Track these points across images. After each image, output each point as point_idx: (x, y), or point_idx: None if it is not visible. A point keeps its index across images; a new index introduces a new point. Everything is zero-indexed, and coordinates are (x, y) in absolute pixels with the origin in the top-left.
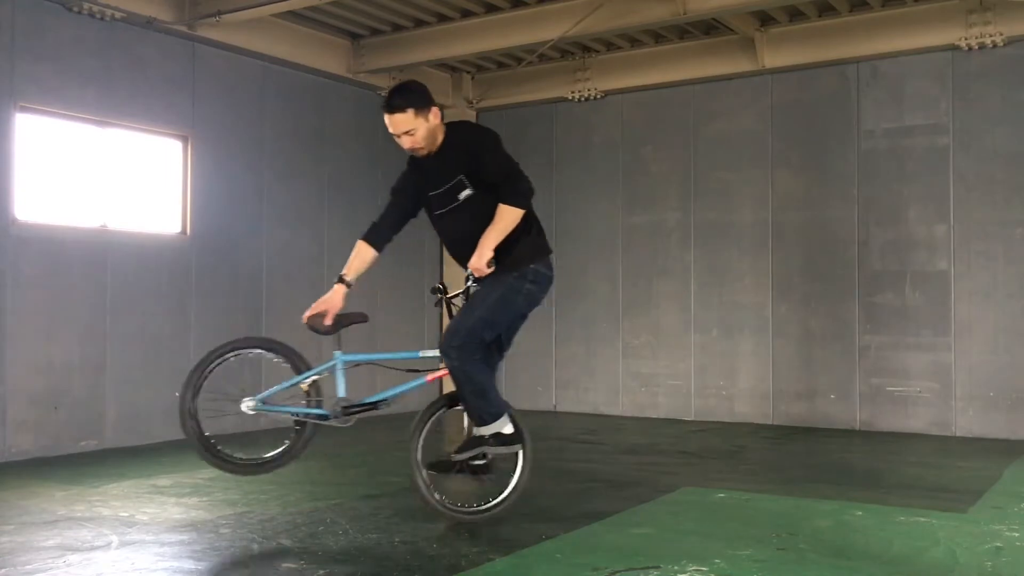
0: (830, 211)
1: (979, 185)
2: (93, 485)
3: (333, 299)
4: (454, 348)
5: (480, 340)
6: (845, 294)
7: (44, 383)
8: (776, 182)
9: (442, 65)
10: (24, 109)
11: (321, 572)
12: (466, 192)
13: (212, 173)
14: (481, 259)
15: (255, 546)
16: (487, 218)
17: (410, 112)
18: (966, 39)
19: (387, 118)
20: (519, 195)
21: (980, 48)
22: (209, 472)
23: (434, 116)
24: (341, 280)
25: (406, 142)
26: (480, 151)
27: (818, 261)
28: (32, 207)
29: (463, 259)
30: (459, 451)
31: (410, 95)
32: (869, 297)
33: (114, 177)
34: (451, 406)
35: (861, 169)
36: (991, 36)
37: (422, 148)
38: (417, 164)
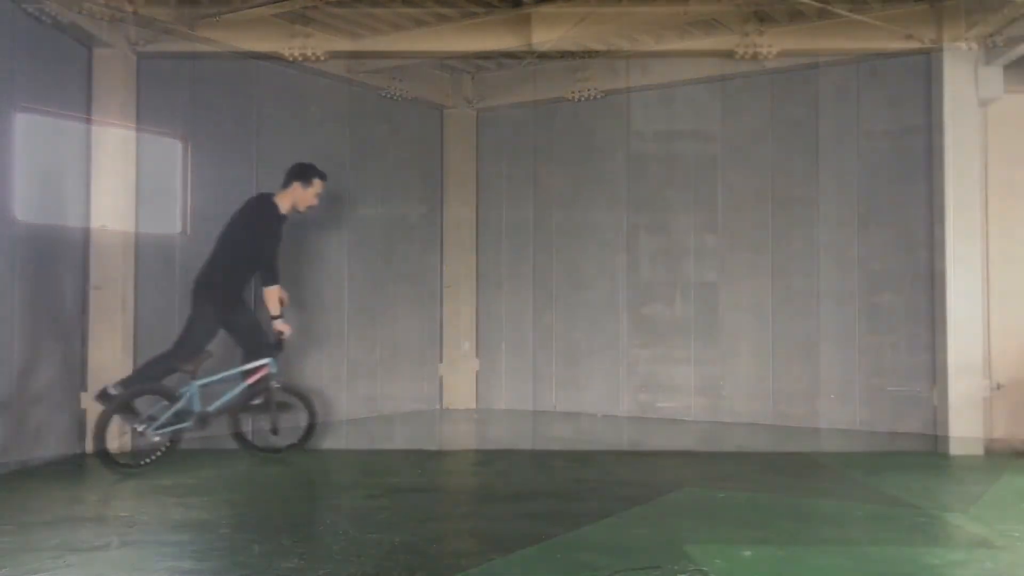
0: (830, 211)
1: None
2: (93, 485)
3: None
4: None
5: None
6: (845, 294)
7: (44, 383)
8: (776, 182)
9: (442, 65)
10: (24, 109)
11: (321, 572)
12: None
13: (212, 173)
14: None
15: (255, 546)
16: None
17: None
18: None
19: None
20: None
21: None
22: (209, 472)
23: None
24: None
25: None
26: None
27: (818, 260)
28: (32, 207)
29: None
30: None
31: None
32: (869, 297)
33: (114, 177)
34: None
35: (861, 168)
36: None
37: None
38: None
